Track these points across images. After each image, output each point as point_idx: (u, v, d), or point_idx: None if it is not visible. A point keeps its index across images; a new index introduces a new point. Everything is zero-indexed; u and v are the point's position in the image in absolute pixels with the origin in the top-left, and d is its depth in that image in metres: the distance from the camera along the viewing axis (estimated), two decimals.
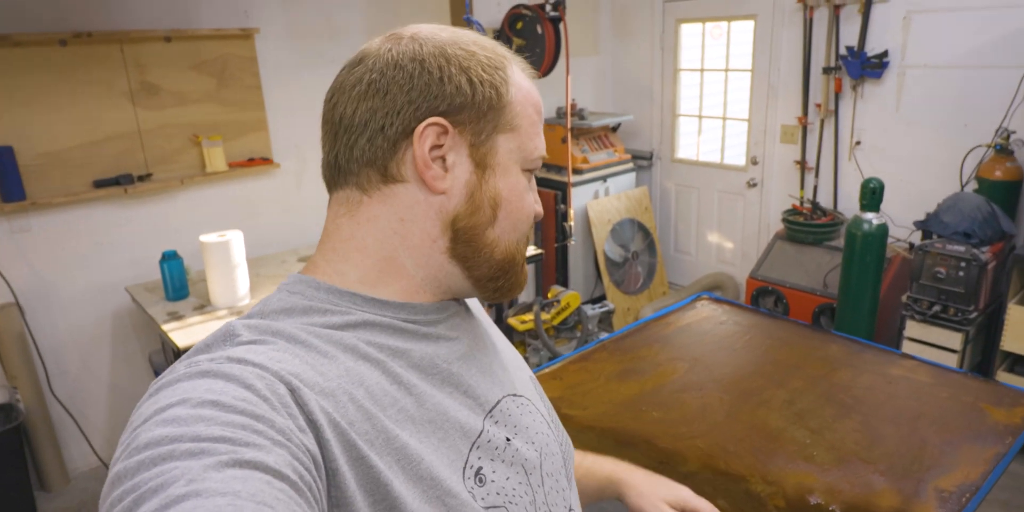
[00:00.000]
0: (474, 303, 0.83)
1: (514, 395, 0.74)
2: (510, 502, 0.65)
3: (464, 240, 0.66)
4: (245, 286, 2.71)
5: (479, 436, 0.65)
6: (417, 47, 0.64)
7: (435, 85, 0.63)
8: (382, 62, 0.64)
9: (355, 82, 0.65)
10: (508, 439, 0.68)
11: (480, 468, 0.64)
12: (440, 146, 0.64)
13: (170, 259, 2.73)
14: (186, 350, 2.33)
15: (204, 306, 2.69)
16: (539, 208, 0.73)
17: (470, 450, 0.64)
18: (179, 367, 0.54)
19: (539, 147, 0.70)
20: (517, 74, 0.69)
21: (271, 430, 0.48)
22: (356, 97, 0.64)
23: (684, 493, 1.03)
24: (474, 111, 0.64)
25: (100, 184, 2.85)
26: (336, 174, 0.67)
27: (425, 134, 0.63)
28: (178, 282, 2.75)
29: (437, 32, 0.67)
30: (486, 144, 0.65)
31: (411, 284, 0.67)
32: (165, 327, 2.50)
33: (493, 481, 0.64)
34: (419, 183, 0.64)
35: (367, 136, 0.64)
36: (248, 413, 0.48)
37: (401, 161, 0.64)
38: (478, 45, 0.67)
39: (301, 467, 0.48)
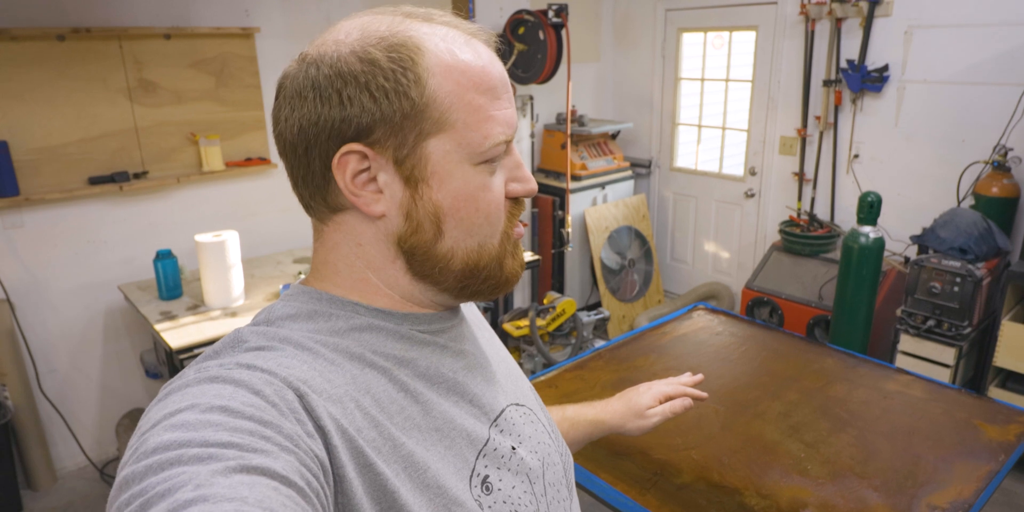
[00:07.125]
0: (472, 312, 0.82)
1: (517, 404, 0.74)
2: (516, 511, 0.65)
3: (417, 259, 0.64)
4: (240, 287, 2.70)
5: (485, 444, 0.65)
6: (314, 72, 0.61)
7: (336, 112, 0.59)
8: (290, 93, 0.62)
9: (278, 117, 0.64)
10: (513, 448, 0.68)
11: (487, 476, 0.64)
12: (367, 170, 0.61)
13: (164, 258, 2.71)
14: (179, 351, 2.32)
15: (198, 306, 2.67)
16: (518, 187, 0.67)
17: (477, 458, 0.64)
18: (188, 372, 0.55)
19: (491, 134, 0.62)
20: (438, 62, 0.61)
21: (279, 436, 0.48)
22: (282, 131, 0.63)
23: (655, 389, 1.14)
24: (388, 126, 0.59)
25: (95, 181, 2.83)
26: (301, 203, 0.67)
27: (342, 164, 0.60)
28: (172, 281, 2.73)
29: (341, 41, 0.62)
30: (412, 156, 0.61)
31: (393, 300, 0.66)
32: (158, 327, 2.48)
33: (500, 490, 0.65)
34: (358, 209, 0.63)
35: (302, 172, 0.63)
36: (256, 419, 0.48)
37: (336, 191, 0.62)
38: (384, 43, 0.60)
39: (309, 473, 0.48)
